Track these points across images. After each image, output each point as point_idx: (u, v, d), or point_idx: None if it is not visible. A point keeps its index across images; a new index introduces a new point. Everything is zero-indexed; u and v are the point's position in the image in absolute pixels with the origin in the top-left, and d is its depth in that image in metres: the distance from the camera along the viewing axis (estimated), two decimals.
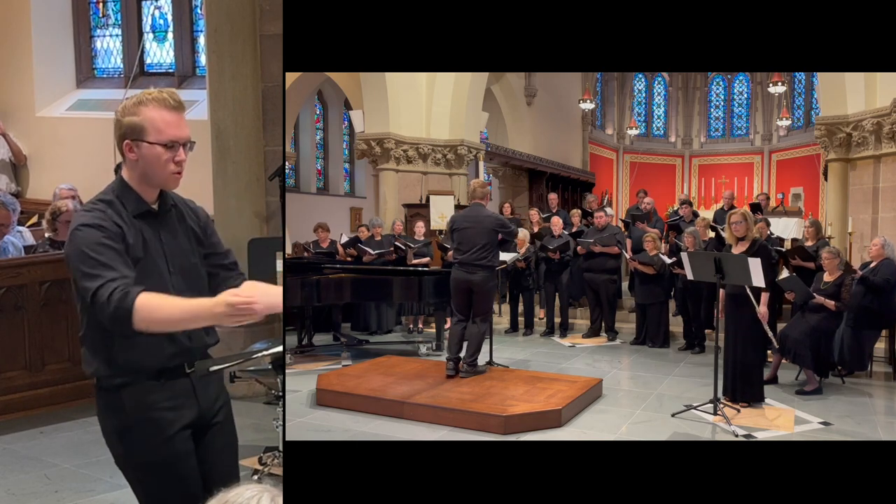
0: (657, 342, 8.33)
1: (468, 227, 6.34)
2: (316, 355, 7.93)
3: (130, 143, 2.46)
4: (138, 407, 2.50)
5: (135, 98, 2.48)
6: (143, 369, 2.49)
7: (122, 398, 2.50)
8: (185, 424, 2.58)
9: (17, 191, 9.41)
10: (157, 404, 2.51)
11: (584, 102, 18.03)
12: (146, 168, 2.48)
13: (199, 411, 2.63)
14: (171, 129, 2.46)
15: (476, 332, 6.35)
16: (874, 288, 6.47)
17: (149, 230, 2.50)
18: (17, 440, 5.55)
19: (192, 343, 2.57)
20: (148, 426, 2.50)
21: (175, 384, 2.55)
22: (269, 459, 4.88)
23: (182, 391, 2.57)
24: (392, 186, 11.32)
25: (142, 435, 2.50)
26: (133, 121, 2.45)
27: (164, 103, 2.46)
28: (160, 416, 2.51)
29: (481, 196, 6.51)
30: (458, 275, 6.39)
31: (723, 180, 20.71)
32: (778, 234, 9.17)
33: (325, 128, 16.79)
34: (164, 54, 9.60)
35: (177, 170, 2.50)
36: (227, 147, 6.72)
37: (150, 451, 2.51)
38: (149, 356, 2.48)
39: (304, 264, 8.22)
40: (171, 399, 2.54)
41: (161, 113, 2.45)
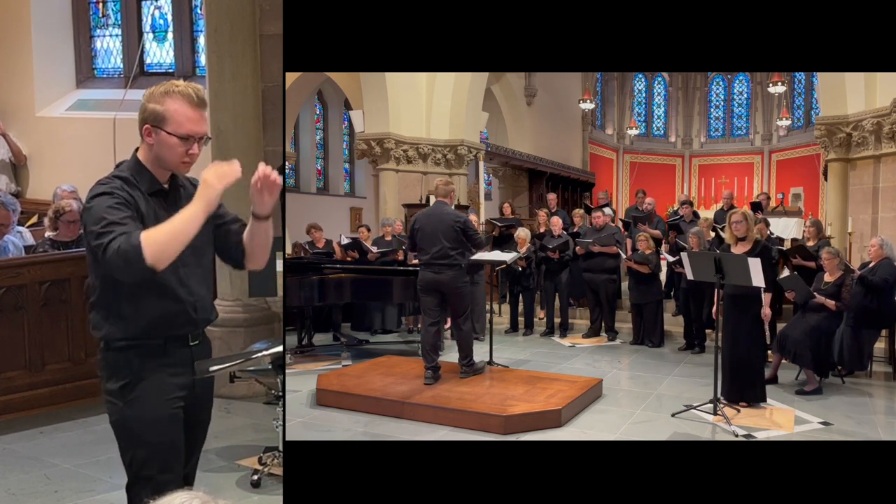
0: (654, 342, 8.33)
1: (429, 225, 6.12)
2: (316, 355, 7.93)
3: (150, 128, 2.63)
4: (144, 366, 2.67)
5: (164, 87, 2.64)
6: (152, 335, 2.67)
7: (129, 357, 2.66)
8: (180, 393, 2.74)
9: (17, 191, 9.40)
10: (160, 368, 2.69)
11: (584, 102, 18.04)
12: (160, 153, 2.64)
13: (192, 383, 2.79)
14: (189, 123, 2.61)
15: (462, 335, 6.19)
16: (873, 287, 6.47)
17: (160, 207, 2.67)
18: (17, 440, 5.55)
19: (198, 315, 2.76)
20: (150, 385, 2.67)
21: (177, 353, 2.73)
22: (269, 459, 4.87)
23: (182, 361, 2.74)
24: (392, 186, 11.32)
25: (143, 392, 2.67)
26: (156, 108, 2.61)
27: (189, 99, 2.62)
28: (162, 379, 2.68)
29: (444, 194, 6.27)
30: (424, 275, 6.14)
31: (723, 180, 20.72)
32: (778, 234, 9.17)
33: (325, 128, 16.79)
34: (164, 54, 9.60)
35: (188, 160, 2.67)
36: (227, 147, 6.71)
37: (148, 409, 2.67)
38: (158, 324, 2.66)
39: (303, 264, 8.22)
40: (172, 366, 2.71)
41: (184, 107, 2.61)
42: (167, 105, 2.59)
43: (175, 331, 2.71)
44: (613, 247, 8.70)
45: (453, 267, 6.06)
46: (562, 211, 11.04)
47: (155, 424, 2.68)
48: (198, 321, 2.77)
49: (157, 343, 2.68)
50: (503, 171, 15.43)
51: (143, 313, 2.64)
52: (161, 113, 2.59)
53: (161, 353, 2.69)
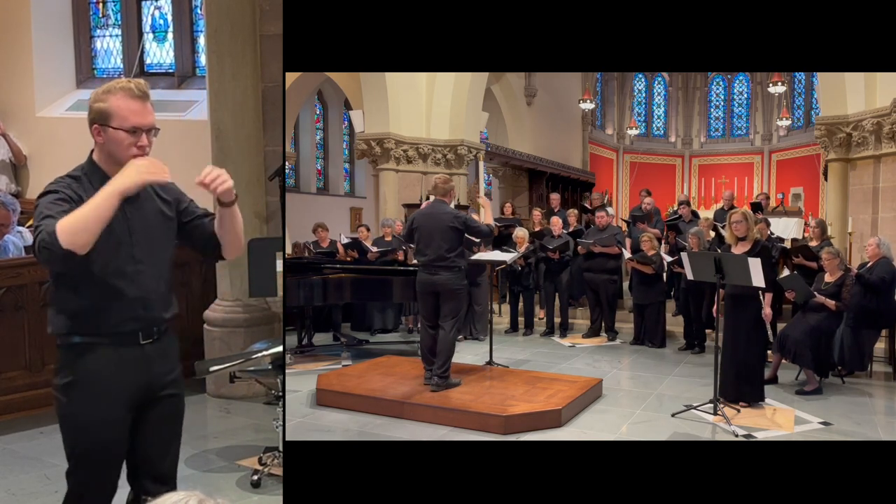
0: (655, 342, 8.33)
1: (426, 225, 5.90)
2: (316, 355, 7.93)
3: (98, 128, 2.70)
4: (87, 367, 2.71)
5: (106, 86, 2.72)
6: (95, 332, 2.71)
7: (74, 355, 2.73)
8: (129, 394, 2.77)
9: (17, 191, 9.40)
10: (105, 368, 2.72)
11: (584, 102, 18.03)
12: (111, 150, 2.71)
13: (148, 382, 2.81)
14: (134, 116, 2.67)
15: (446, 340, 5.80)
16: (870, 286, 6.48)
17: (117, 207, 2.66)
18: (17, 440, 5.55)
19: (148, 312, 2.78)
20: (91, 386, 2.71)
21: (127, 352, 2.76)
22: (269, 459, 4.88)
23: (132, 360, 2.77)
24: (392, 186, 11.32)
25: (82, 393, 2.71)
26: (101, 106, 2.68)
27: (130, 92, 2.68)
28: (105, 380, 2.72)
29: (443, 193, 6.01)
30: (421, 277, 5.93)
31: (723, 180, 20.71)
32: (778, 234, 9.17)
33: (325, 128, 16.79)
34: (164, 54, 9.60)
35: (139, 153, 2.70)
36: (227, 147, 6.71)
37: (90, 410, 2.72)
38: (101, 320, 2.70)
39: (304, 264, 8.22)
40: (119, 366, 2.74)
41: (126, 101, 2.67)
42: (110, 102, 2.66)
43: (122, 328, 2.73)
44: (615, 247, 8.70)
45: (450, 269, 5.82)
46: (563, 211, 11.04)
47: (95, 425, 2.73)
48: (148, 318, 2.78)
49: (103, 341, 2.72)
50: (503, 171, 15.43)
51: (88, 310, 2.69)
52: (105, 110, 2.66)
53: (108, 353, 2.72)
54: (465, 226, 5.89)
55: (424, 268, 5.92)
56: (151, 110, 2.73)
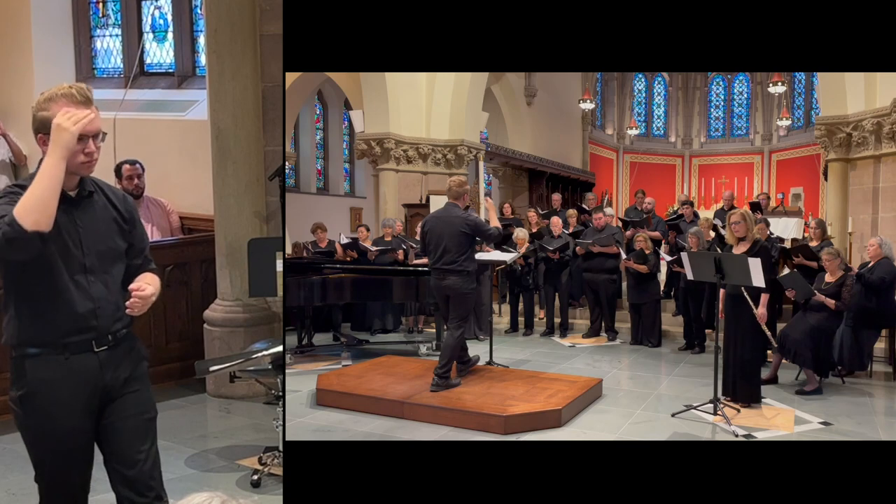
0: (652, 342, 8.34)
1: (437, 228, 5.93)
2: (316, 355, 7.93)
3: (43, 137, 2.61)
4: (38, 378, 2.68)
5: (47, 93, 2.64)
6: (47, 343, 2.66)
7: (25, 367, 2.69)
8: (85, 401, 2.72)
9: None
10: (57, 379, 2.67)
11: (584, 102, 18.03)
12: None
13: (105, 386, 2.77)
14: None
15: (449, 342, 5.88)
16: (870, 286, 6.48)
17: (62, 213, 2.61)
18: (17, 440, 5.47)
19: (99, 322, 2.72)
20: (43, 397, 2.68)
21: (80, 361, 2.70)
22: (269, 459, 4.88)
23: (86, 368, 2.71)
24: (392, 186, 11.32)
25: (36, 405, 2.69)
26: (45, 115, 2.61)
27: (72, 98, 2.60)
28: (57, 390, 2.68)
29: (456, 196, 5.99)
30: (433, 281, 6.05)
31: (723, 180, 20.73)
32: (778, 234, 9.17)
33: (325, 128, 16.79)
34: (164, 54, 9.60)
35: (87, 159, 2.64)
36: (227, 147, 6.71)
37: (40, 422, 2.71)
38: (52, 330, 2.65)
39: (304, 264, 8.22)
40: (72, 375, 2.69)
41: (69, 108, 2.58)
42: (53, 109, 2.58)
43: (73, 338, 2.68)
44: (614, 247, 8.70)
45: (459, 273, 5.85)
46: (563, 211, 11.04)
47: (52, 436, 2.71)
48: (100, 328, 2.72)
49: (55, 351, 2.67)
50: (503, 171, 15.43)
51: (38, 320, 2.65)
52: (49, 118, 2.57)
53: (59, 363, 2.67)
54: (476, 230, 5.92)
55: (434, 272, 5.97)
56: (97, 114, 2.66)
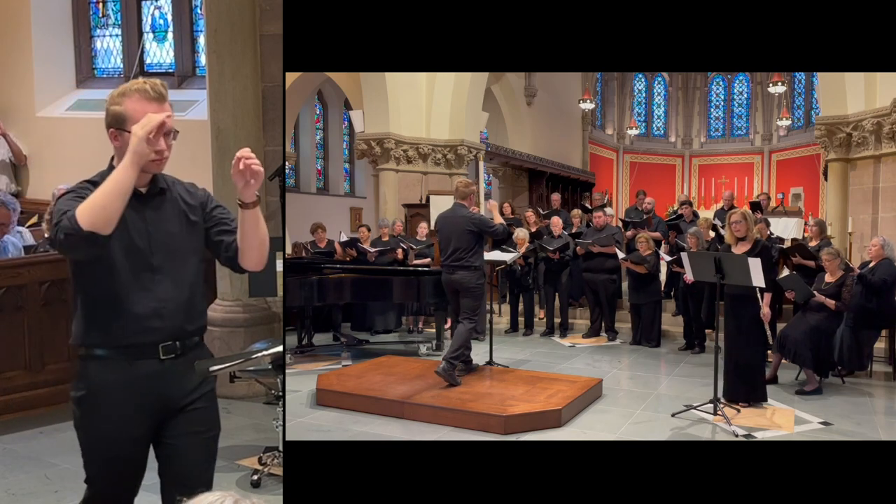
0: (651, 342, 8.34)
1: (445, 228, 6.31)
2: (316, 355, 7.93)
3: (115, 132, 2.59)
4: (99, 380, 2.61)
5: (122, 88, 2.60)
6: (111, 345, 2.60)
7: (88, 368, 2.64)
8: (144, 408, 2.64)
9: (17, 191, 9.41)
10: (119, 382, 2.60)
11: (584, 102, 18.03)
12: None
13: (166, 398, 2.68)
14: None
15: (460, 332, 6.19)
16: (871, 287, 6.47)
17: (132, 210, 2.57)
18: (17, 440, 5.55)
19: (165, 323, 2.62)
20: (102, 401, 2.61)
21: (143, 367, 2.62)
22: (269, 459, 4.88)
23: (149, 375, 2.62)
24: (392, 186, 11.32)
25: (93, 407, 2.63)
26: (117, 110, 2.57)
27: (145, 94, 2.56)
28: (116, 395, 2.60)
29: (463, 196, 6.35)
30: (443, 277, 6.41)
31: (723, 180, 20.72)
32: (778, 234, 9.17)
33: (325, 128, 16.79)
34: (164, 54, 9.60)
35: (157, 157, 2.57)
36: (227, 147, 6.71)
37: (96, 425, 2.63)
38: (116, 332, 2.59)
39: (304, 264, 8.22)
40: (134, 381, 2.61)
41: (142, 104, 2.55)
42: (126, 105, 2.55)
43: (138, 339, 2.59)
44: (613, 247, 8.70)
45: (466, 268, 6.19)
46: (563, 211, 11.03)
47: (106, 441, 2.62)
48: (167, 330, 2.63)
49: (118, 354, 2.59)
50: (503, 171, 15.43)
51: (102, 320, 2.58)
52: (121, 113, 2.55)
53: (122, 367, 2.60)
54: (481, 227, 6.23)
55: (445, 267, 6.32)
56: (169, 111, 2.60)
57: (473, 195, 6.49)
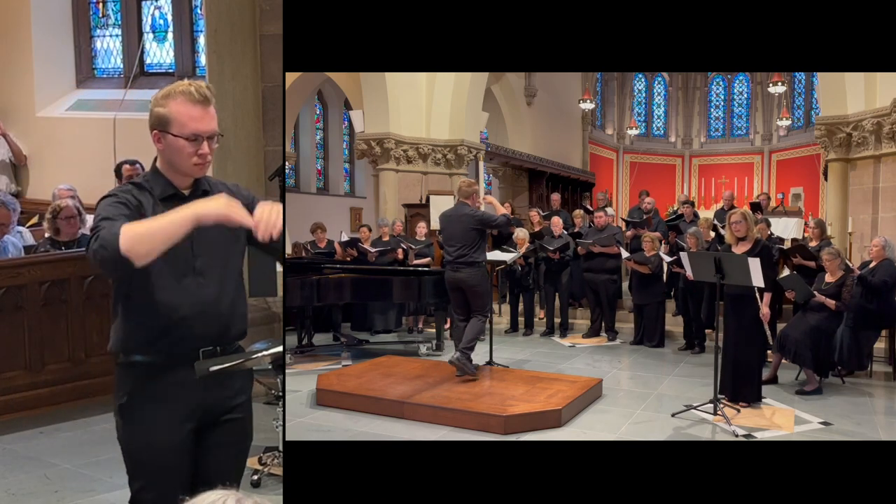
0: (654, 342, 8.33)
1: (449, 226, 6.38)
2: (316, 355, 7.93)
3: (158, 134, 2.55)
4: (140, 388, 2.56)
5: (167, 89, 2.56)
6: (152, 350, 2.55)
7: (127, 376, 2.58)
8: (185, 416, 2.59)
9: (17, 191, 9.40)
10: (161, 389, 2.56)
11: (584, 102, 18.03)
12: (170, 157, 2.56)
13: (206, 406, 2.63)
14: (193, 122, 2.51)
15: (474, 324, 6.31)
16: (872, 288, 6.47)
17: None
18: (17, 440, 5.55)
19: (209, 329, 2.58)
20: (144, 409, 2.56)
21: (184, 374, 2.56)
22: (269, 459, 4.87)
23: (189, 382, 2.57)
24: (392, 186, 11.32)
25: (137, 416, 2.57)
26: (160, 112, 2.53)
27: (189, 97, 2.52)
28: (161, 402, 2.56)
29: (466, 195, 6.44)
30: (448, 274, 6.45)
31: (723, 180, 20.72)
32: (778, 234, 9.17)
33: (325, 128, 16.79)
34: (164, 54, 9.60)
35: (199, 161, 2.55)
36: (227, 147, 6.71)
37: (145, 433, 2.57)
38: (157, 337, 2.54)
39: (304, 264, 8.22)
40: (176, 388, 2.57)
41: (186, 107, 2.51)
42: (170, 107, 2.51)
43: (180, 346, 2.55)
44: (614, 247, 8.70)
45: (470, 265, 6.26)
46: (563, 211, 11.03)
47: (151, 450, 2.56)
48: (210, 336, 2.59)
49: (159, 360, 2.55)
50: (503, 171, 15.43)
51: (143, 326, 2.54)
52: (165, 115, 2.51)
53: (162, 374, 2.55)
54: (483, 223, 6.31)
55: (449, 265, 6.36)
56: (213, 115, 2.56)
57: (476, 194, 6.57)
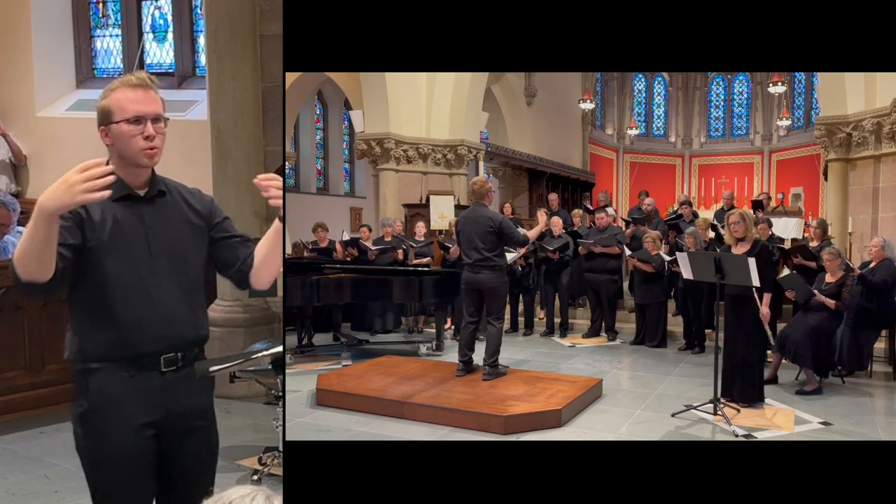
0: (655, 342, 8.33)
1: (467, 228, 6.32)
2: (316, 355, 7.93)
3: (104, 129, 2.51)
4: (101, 394, 2.50)
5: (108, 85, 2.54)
6: (111, 357, 2.49)
7: (88, 382, 2.52)
8: (148, 422, 2.53)
9: (17, 191, 9.41)
10: (120, 395, 2.49)
11: (584, 102, 18.04)
12: (119, 149, 2.51)
13: (170, 413, 2.57)
14: (134, 105, 2.47)
15: (493, 333, 6.26)
16: (872, 288, 6.48)
17: (129, 214, 2.51)
18: (17, 440, 5.55)
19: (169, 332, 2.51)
20: (106, 415, 2.49)
21: (145, 379, 2.51)
22: (269, 459, 4.88)
23: (152, 389, 2.52)
24: (392, 186, 11.32)
25: (99, 423, 2.50)
26: (103, 105, 2.51)
27: (128, 83, 2.50)
28: (121, 408, 2.49)
29: (481, 196, 6.41)
30: (466, 276, 6.38)
31: (723, 180, 20.74)
32: (778, 234, 9.17)
33: (325, 128, 16.80)
34: (164, 54, 9.60)
35: (147, 145, 2.49)
36: (227, 147, 6.72)
37: (103, 441, 2.50)
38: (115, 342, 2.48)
39: (304, 264, 8.22)
40: (137, 393, 2.50)
41: (125, 92, 2.49)
42: (111, 98, 2.49)
43: (140, 350, 2.49)
44: (615, 247, 8.71)
45: (491, 268, 6.20)
46: (563, 211, 11.04)
47: (111, 459, 2.49)
48: (170, 339, 2.52)
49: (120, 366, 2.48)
50: (503, 171, 15.44)
51: (101, 331, 2.48)
52: (107, 107, 2.49)
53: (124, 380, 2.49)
54: (500, 230, 6.23)
55: (468, 267, 6.34)
56: (156, 99, 2.51)
57: (491, 193, 6.57)
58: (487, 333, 6.31)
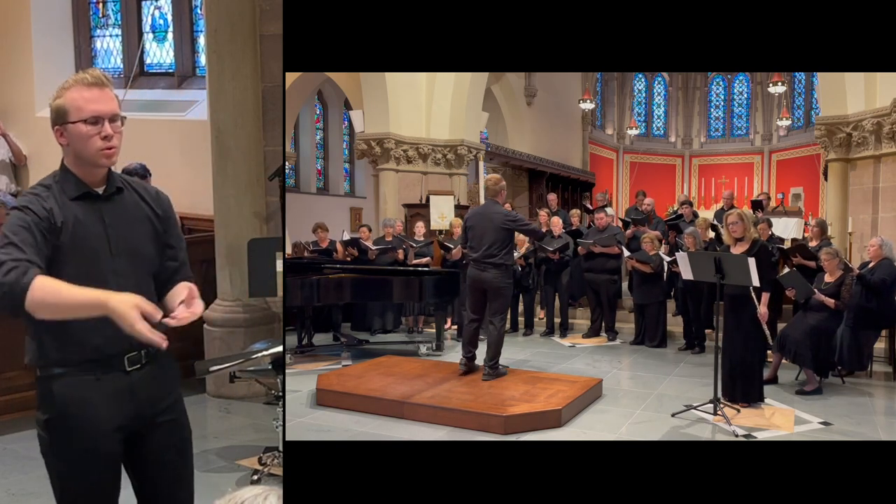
0: (655, 342, 8.33)
1: (479, 224, 6.28)
2: (316, 355, 7.93)
3: (59, 128, 2.48)
4: (66, 400, 2.47)
5: (62, 83, 2.51)
6: (75, 361, 2.47)
7: (52, 389, 2.49)
8: (117, 425, 2.51)
9: (17, 191, 9.41)
10: (86, 400, 2.47)
11: (584, 102, 18.04)
12: (76, 148, 2.48)
13: (136, 411, 2.55)
14: (90, 104, 2.44)
15: (494, 335, 6.23)
16: (871, 287, 6.47)
17: (89, 212, 2.49)
18: (17, 440, 5.55)
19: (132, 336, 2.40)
20: (72, 421, 2.47)
21: (111, 380, 2.50)
22: (269, 459, 4.88)
23: (118, 390, 2.51)
24: (392, 186, 11.32)
25: (65, 429, 2.47)
26: (58, 104, 2.48)
27: (82, 81, 2.46)
28: (87, 413, 2.47)
29: (494, 193, 6.40)
30: (471, 273, 6.33)
31: (723, 180, 20.73)
32: (778, 234, 9.17)
33: (325, 128, 16.79)
34: (163, 54, 9.60)
35: (104, 145, 2.46)
36: (227, 147, 6.71)
37: (66, 448, 2.48)
38: (78, 345, 2.45)
39: (304, 264, 8.22)
40: (103, 397, 2.49)
41: (79, 91, 2.45)
42: (66, 97, 2.45)
43: (103, 351, 2.47)
44: (615, 247, 8.71)
45: (498, 266, 6.20)
46: (562, 211, 11.04)
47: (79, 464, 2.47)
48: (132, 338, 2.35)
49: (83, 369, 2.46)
50: (503, 171, 15.41)
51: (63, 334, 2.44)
52: (62, 106, 2.45)
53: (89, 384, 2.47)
54: (517, 225, 6.32)
55: (475, 263, 6.28)
56: (112, 97, 2.48)
57: (504, 191, 6.57)
58: (488, 334, 6.28)
